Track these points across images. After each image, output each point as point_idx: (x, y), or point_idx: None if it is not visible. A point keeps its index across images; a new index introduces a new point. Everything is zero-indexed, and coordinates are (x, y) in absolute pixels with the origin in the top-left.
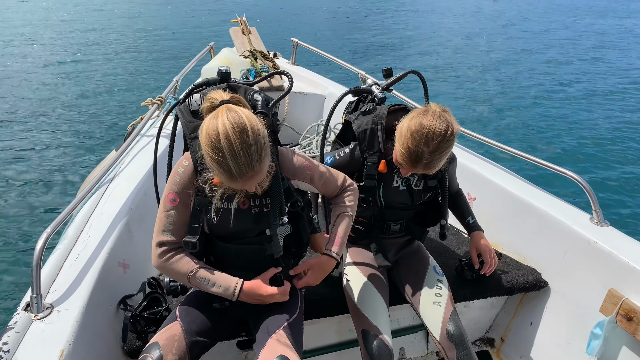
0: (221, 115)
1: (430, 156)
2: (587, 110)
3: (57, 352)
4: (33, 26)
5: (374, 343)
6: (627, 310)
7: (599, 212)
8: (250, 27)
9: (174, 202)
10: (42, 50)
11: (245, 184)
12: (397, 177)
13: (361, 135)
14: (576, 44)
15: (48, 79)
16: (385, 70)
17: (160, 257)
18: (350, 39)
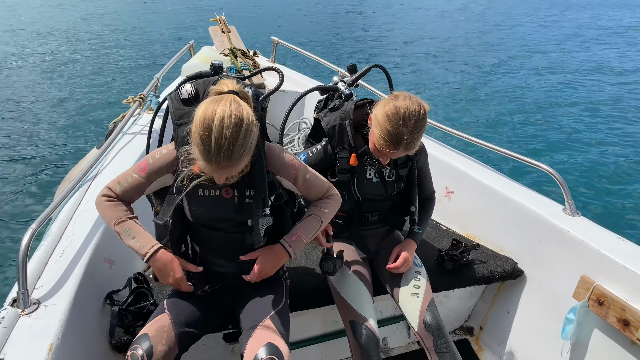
0: (224, 102)
1: (410, 136)
2: (558, 102)
3: (46, 346)
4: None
5: (363, 333)
6: (599, 295)
7: (571, 203)
8: (230, 25)
9: (142, 170)
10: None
11: (216, 171)
12: (369, 170)
13: (330, 132)
14: (545, 35)
15: (27, 78)
16: (350, 67)
17: (102, 197)
18: (330, 37)
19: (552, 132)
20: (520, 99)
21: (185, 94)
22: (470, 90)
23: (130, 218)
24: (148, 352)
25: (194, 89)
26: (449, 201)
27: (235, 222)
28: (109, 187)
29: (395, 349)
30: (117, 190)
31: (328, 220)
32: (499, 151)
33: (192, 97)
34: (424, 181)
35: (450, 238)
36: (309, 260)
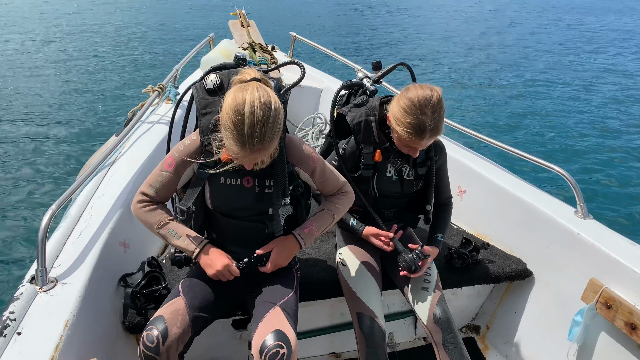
0: (252, 88)
1: (433, 121)
2: (574, 105)
3: (62, 323)
4: (31, 18)
5: (369, 325)
6: (607, 298)
7: (584, 206)
8: (249, 20)
9: (170, 166)
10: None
11: (250, 155)
12: (390, 167)
13: (356, 128)
14: (566, 42)
15: (53, 69)
16: (375, 63)
17: (138, 204)
18: (348, 34)
19: (566, 135)
20: (535, 99)
21: (210, 84)
22: (486, 89)
23: (171, 220)
24: (163, 334)
25: (219, 79)
26: (460, 200)
27: (255, 211)
28: (142, 191)
29: (402, 344)
30: (150, 192)
31: (340, 215)
32: (513, 152)
33: (217, 87)
34: (442, 183)
35: (460, 237)
36: (318, 252)
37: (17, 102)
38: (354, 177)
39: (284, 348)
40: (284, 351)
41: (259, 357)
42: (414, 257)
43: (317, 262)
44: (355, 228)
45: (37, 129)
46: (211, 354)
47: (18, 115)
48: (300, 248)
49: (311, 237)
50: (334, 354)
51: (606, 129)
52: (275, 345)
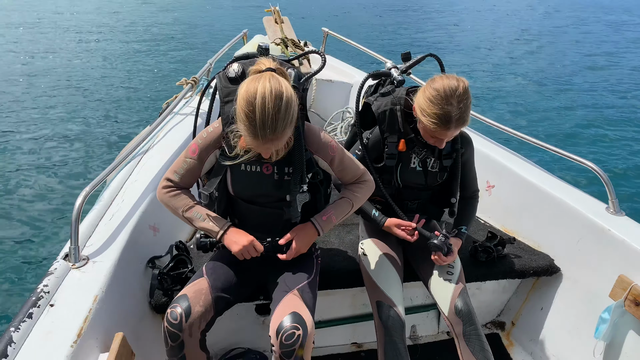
0: (264, 79)
1: (458, 111)
2: (608, 99)
3: (92, 297)
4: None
5: (388, 314)
6: (636, 295)
7: (615, 202)
8: (283, 16)
9: (194, 153)
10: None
11: (263, 145)
12: (414, 158)
13: (381, 116)
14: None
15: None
16: (404, 54)
17: (163, 189)
18: (385, 33)
19: (598, 129)
20: (566, 92)
21: (232, 73)
22: (516, 82)
23: (196, 204)
24: (186, 311)
25: (241, 68)
26: (489, 195)
27: (274, 198)
28: (167, 177)
29: (424, 337)
30: (175, 178)
31: (359, 204)
32: (543, 146)
33: (239, 75)
34: (468, 177)
35: (486, 231)
36: (342, 243)
37: (61, 90)
38: (378, 167)
39: (299, 330)
40: (300, 332)
41: (276, 338)
42: (442, 239)
43: (340, 252)
44: (377, 219)
45: (78, 121)
46: (235, 338)
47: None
48: (318, 235)
49: (329, 225)
50: (356, 344)
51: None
52: (292, 327)
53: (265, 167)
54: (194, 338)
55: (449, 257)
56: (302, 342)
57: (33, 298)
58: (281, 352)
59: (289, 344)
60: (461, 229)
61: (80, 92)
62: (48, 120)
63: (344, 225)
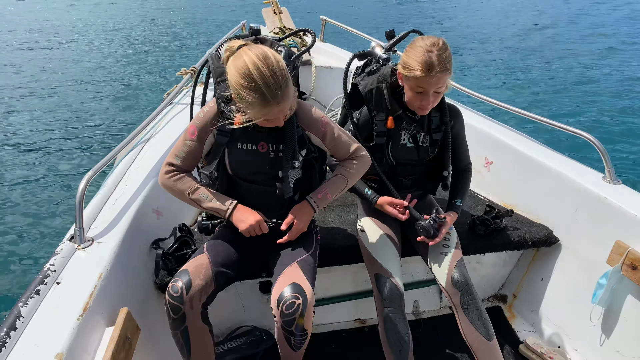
0: (244, 52)
1: (439, 58)
2: (601, 70)
3: (97, 275)
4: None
5: (386, 285)
6: (633, 259)
7: (612, 171)
8: (282, 7)
9: (192, 134)
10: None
11: (277, 107)
12: (404, 134)
13: (368, 95)
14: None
15: (97, 54)
16: (388, 33)
17: (166, 174)
18: (386, 22)
19: (592, 100)
20: (558, 65)
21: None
22: (508, 58)
23: (202, 185)
24: (187, 284)
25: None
26: (488, 172)
27: (270, 175)
28: (168, 162)
29: (427, 312)
30: (177, 162)
31: (355, 180)
32: (539, 119)
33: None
34: (459, 150)
35: (485, 206)
36: (342, 221)
37: (66, 79)
38: (369, 146)
39: (299, 299)
40: (300, 302)
41: (277, 308)
42: (430, 222)
43: (340, 231)
44: (370, 197)
45: (80, 109)
46: (240, 317)
47: (62, 95)
48: (314, 212)
49: (324, 202)
50: (359, 320)
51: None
52: (292, 297)
53: (261, 146)
54: (195, 310)
55: (433, 239)
56: (302, 311)
57: (40, 276)
58: (282, 321)
59: (289, 313)
60: (456, 202)
61: (85, 81)
62: (53, 108)
63: (343, 206)
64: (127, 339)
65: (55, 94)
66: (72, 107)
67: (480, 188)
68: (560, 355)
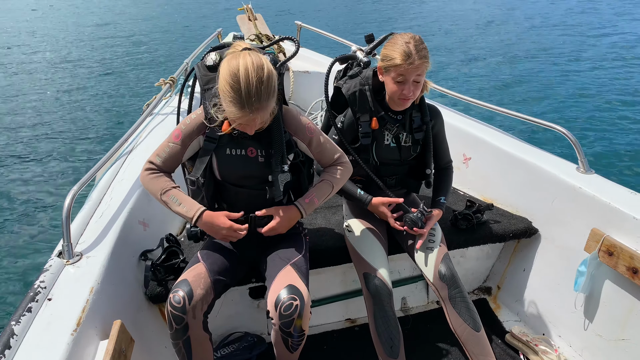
0: (244, 54)
1: (416, 48)
2: (569, 64)
3: (87, 289)
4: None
5: (375, 283)
6: (608, 246)
7: (585, 162)
8: (256, 13)
9: (177, 137)
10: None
11: (250, 115)
12: (387, 135)
13: (351, 98)
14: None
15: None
16: (367, 36)
17: (145, 172)
18: (358, 23)
19: (563, 93)
20: (530, 59)
21: (211, 61)
22: (481, 55)
23: (174, 187)
24: (189, 294)
25: (219, 56)
26: (466, 168)
27: (259, 179)
28: (150, 160)
29: (415, 307)
30: (157, 162)
31: (339, 186)
32: (513, 115)
33: (217, 63)
34: (440, 148)
35: (465, 201)
36: (328, 223)
37: (39, 95)
38: (355, 147)
39: (297, 300)
40: (297, 303)
41: (275, 310)
42: (418, 214)
43: (327, 232)
44: (363, 198)
45: (61, 123)
46: (232, 324)
47: (42, 109)
48: (301, 217)
49: (312, 207)
50: (349, 319)
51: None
52: (289, 298)
53: (250, 151)
54: (197, 320)
55: (421, 231)
56: (300, 312)
57: (31, 294)
58: (280, 323)
59: (287, 314)
60: (440, 199)
61: (62, 97)
62: (31, 124)
63: (329, 207)
64: (122, 351)
65: (33, 110)
66: (52, 123)
67: (460, 184)
68: (546, 342)
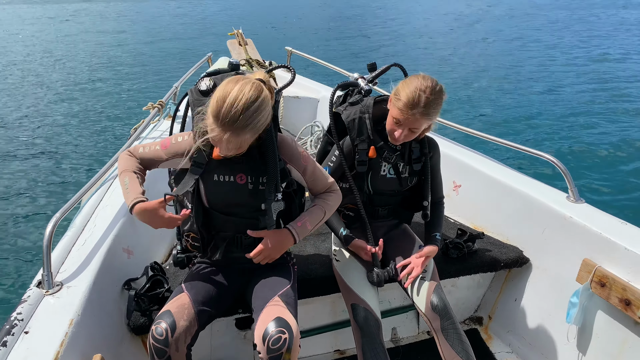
0: (250, 82)
1: (426, 101)
2: (559, 92)
3: (67, 321)
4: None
5: (363, 315)
6: (600, 277)
7: (575, 191)
8: (247, 38)
9: (164, 146)
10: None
11: (219, 133)
12: (384, 165)
13: (350, 125)
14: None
15: (57, 87)
16: (370, 65)
17: (125, 151)
18: (344, 44)
19: (552, 122)
20: (518, 90)
21: (204, 86)
22: (471, 85)
23: (135, 172)
24: (171, 326)
25: (212, 82)
26: (456, 195)
27: (249, 207)
28: (134, 148)
29: (405, 338)
30: (137, 152)
31: (331, 212)
32: (503, 143)
33: (210, 89)
34: (435, 182)
35: (456, 229)
36: (317, 250)
37: (23, 119)
38: (351, 175)
39: (285, 333)
40: (286, 336)
41: (263, 344)
42: (384, 273)
43: (315, 260)
44: (343, 239)
45: (44, 147)
46: (217, 355)
47: (25, 133)
48: (294, 241)
49: (304, 231)
50: (339, 350)
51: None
52: (277, 332)
53: (239, 177)
54: (180, 352)
55: (411, 273)
56: (288, 346)
57: (7, 327)
58: (268, 357)
59: (276, 349)
60: (435, 234)
61: (48, 119)
62: (16, 148)
63: (318, 235)
64: None
65: (19, 131)
66: (35, 145)
67: (450, 211)
68: None
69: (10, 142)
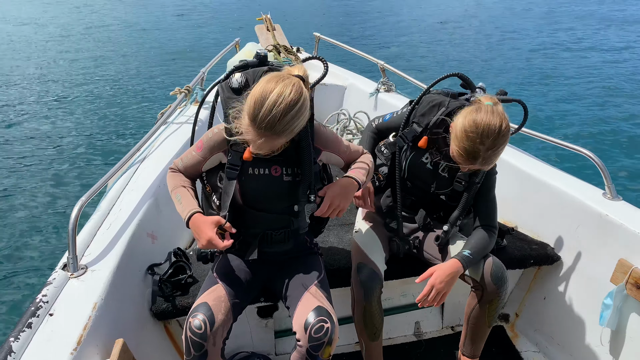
0: (290, 82)
1: (486, 153)
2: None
3: (91, 305)
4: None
5: (367, 271)
6: (637, 278)
7: (612, 187)
8: (275, 24)
9: (199, 148)
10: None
11: (255, 136)
12: (427, 158)
13: (424, 103)
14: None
15: (92, 76)
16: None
17: (170, 170)
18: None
19: (590, 116)
20: (555, 83)
21: (236, 83)
22: (508, 77)
23: (184, 186)
24: (210, 320)
25: (244, 78)
26: None
27: (283, 202)
28: (175, 162)
29: (429, 332)
30: (179, 165)
31: (372, 169)
32: (536, 136)
33: (242, 85)
34: (483, 206)
35: None
36: (341, 241)
37: (54, 103)
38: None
39: (327, 322)
40: (328, 325)
41: (304, 333)
42: (407, 246)
43: (338, 251)
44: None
45: (72, 130)
46: (238, 342)
47: (55, 116)
48: (358, 186)
49: (360, 177)
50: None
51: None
52: (319, 321)
53: (274, 169)
54: (217, 347)
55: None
56: (330, 336)
57: (32, 308)
58: (309, 345)
59: (318, 337)
60: (464, 251)
61: (76, 103)
62: (44, 132)
63: (342, 225)
64: None
65: (44, 116)
66: (63, 129)
67: None
68: None
69: (41, 126)
